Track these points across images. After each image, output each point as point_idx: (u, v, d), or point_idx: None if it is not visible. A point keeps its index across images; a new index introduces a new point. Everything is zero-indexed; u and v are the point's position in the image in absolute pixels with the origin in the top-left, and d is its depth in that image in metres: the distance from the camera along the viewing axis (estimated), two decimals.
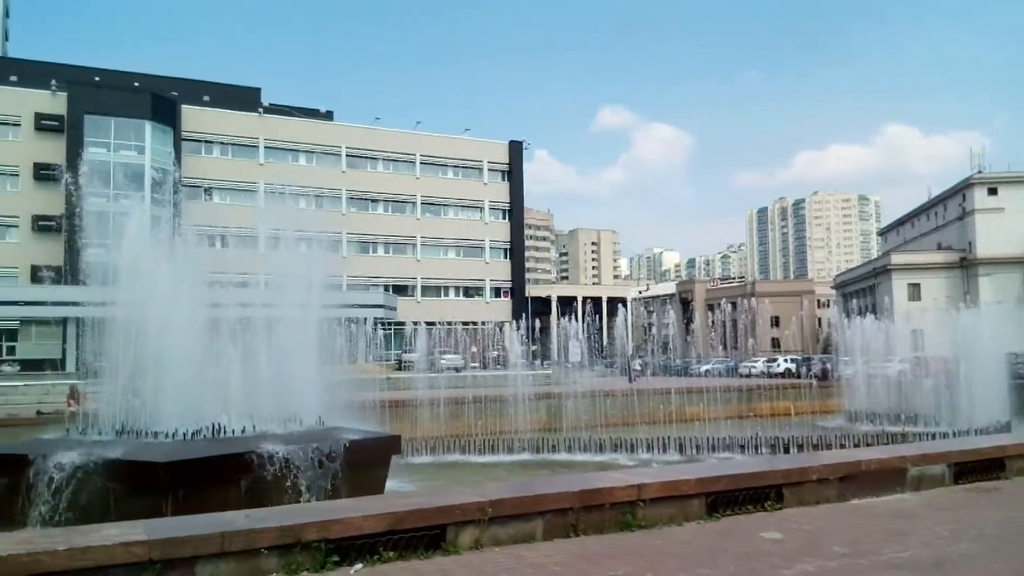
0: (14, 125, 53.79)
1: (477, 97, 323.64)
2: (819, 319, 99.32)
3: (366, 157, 67.12)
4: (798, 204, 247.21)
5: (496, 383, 30.10)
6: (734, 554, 5.75)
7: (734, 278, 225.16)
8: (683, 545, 6.07)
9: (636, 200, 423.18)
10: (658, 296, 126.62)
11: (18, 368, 47.11)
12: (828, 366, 41.80)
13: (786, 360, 51.71)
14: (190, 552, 5.14)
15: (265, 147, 62.15)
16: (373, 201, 67.31)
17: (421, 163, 69.18)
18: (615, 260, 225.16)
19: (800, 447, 20.87)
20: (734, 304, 66.84)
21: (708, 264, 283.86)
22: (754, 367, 48.93)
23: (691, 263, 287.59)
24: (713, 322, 65.16)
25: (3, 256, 52.94)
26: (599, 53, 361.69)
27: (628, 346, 45.97)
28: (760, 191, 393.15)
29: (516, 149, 73.74)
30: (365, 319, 35.63)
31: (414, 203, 68.78)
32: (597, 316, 52.88)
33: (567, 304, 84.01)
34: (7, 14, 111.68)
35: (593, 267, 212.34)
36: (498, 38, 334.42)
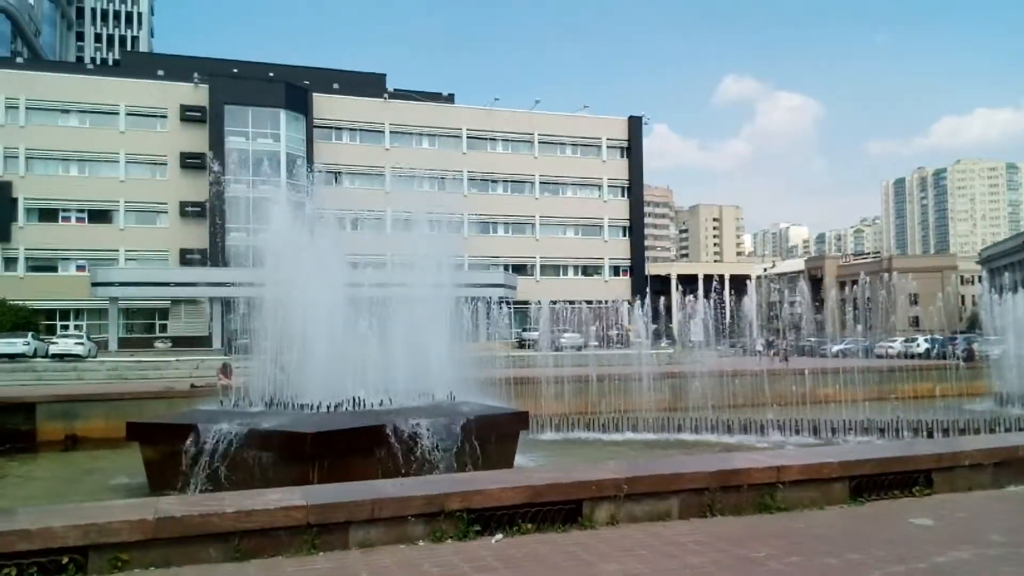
0: (161, 117, 57.74)
1: (596, 73, 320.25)
2: (963, 296, 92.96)
3: (485, 138, 67.93)
4: (939, 174, 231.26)
5: (618, 362, 30.02)
6: (882, 539, 5.58)
7: (869, 254, 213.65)
8: (827, 528, 5.94)
9: (761, 173, 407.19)
10: (785, 273, 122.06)
11: (170, 344, 50.89)
12: (974, 346, 39.15)
13: (926, 340, 48.82)
14: (344, 517, 5.48)
15: (390, 132, 64.01)
16: (492, 182, 68.14)
17: (539, 142, 69.35)
18: (738, 236, 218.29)
19: (945, 431, 19.72)
20: (869, 281, 63.54)
21: (840, 239, 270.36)
22: (892, 347, 46.45)
23: (821, 238, 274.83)
24: (845, 300, 62.19)
25: (155, 240, 57.15)
26: (719, 21, 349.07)
27: (754, 325, 44.65)
28: (896, 161, 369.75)
29: (635, 125, 72.65)
30: (488, 298, 36.25)
31: (532, 183, 69.12)
32: (720, 294, 51.61)
33: (688, 282, 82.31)
34: (152, 12, 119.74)
35: (715, 244, 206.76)
36: (615, 12, 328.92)
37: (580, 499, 6.09)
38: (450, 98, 70.32)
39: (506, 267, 63.32)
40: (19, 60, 71.06)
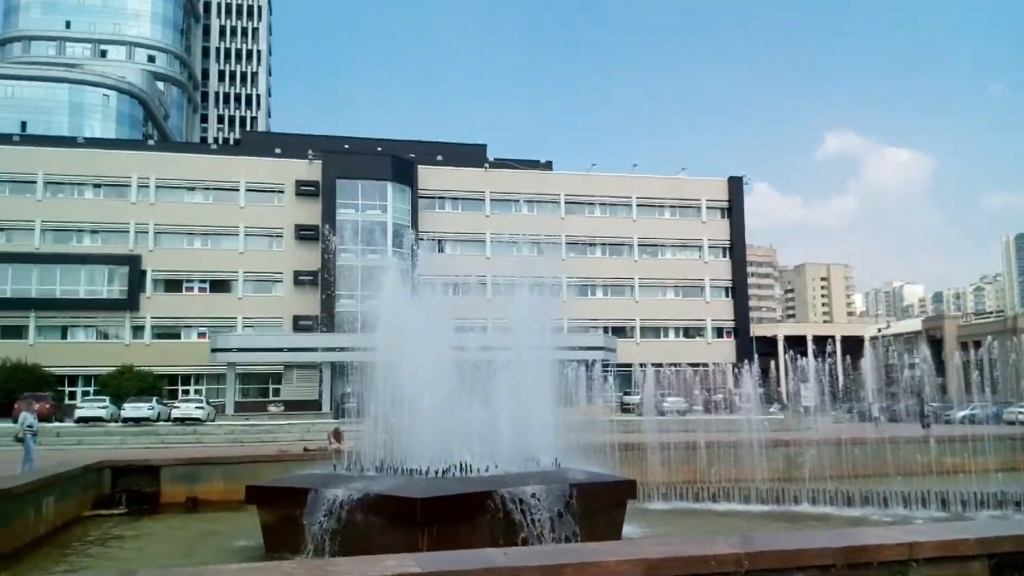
0: (278, 192, 61.26)
1: (693, 134, 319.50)
2: None
3: (583, 203, 68.59)
4: None
5: (725, 427, 29.07)
6: None
7: (991, 312, 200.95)
8: None
9: (870, 231, 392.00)
10: (901, 334, 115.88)
11: (282, 408, 52.79)
12: None
13: None
14: None
15: (491, 199, 65.62)
16: (591, 245, 68.43)
17: (638, 205, 69.44)
18: (848, 296, 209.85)
19: None
20: (994, 342, 59.57)
21: (958, 298, 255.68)
22: (1022, 414, 43.16)
23: (938, 297, 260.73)
24: (969, 362, 58.38)
25: (270, 308, 59.98)
26: (817, 78, 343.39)
27: (871, 389, 42.48)
28: (1016, 214, 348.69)
29: (735, 185, 71.84)
30: (589, 361, 36.04)
31: (631, 245, 69.01)
32: (830, 357, 49.49)
33: (796, 344, 79.41)
34: (270, 94, 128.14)
35: (823, 304, 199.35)
36: (710, 74, 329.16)
37: (698, 575, 5.92)
38: (548, 165, 71.64)
39: (605, 329, 62.97)
40: (150, 142, 77.27)
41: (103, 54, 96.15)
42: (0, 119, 79.51)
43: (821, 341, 66.13)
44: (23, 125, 79.50)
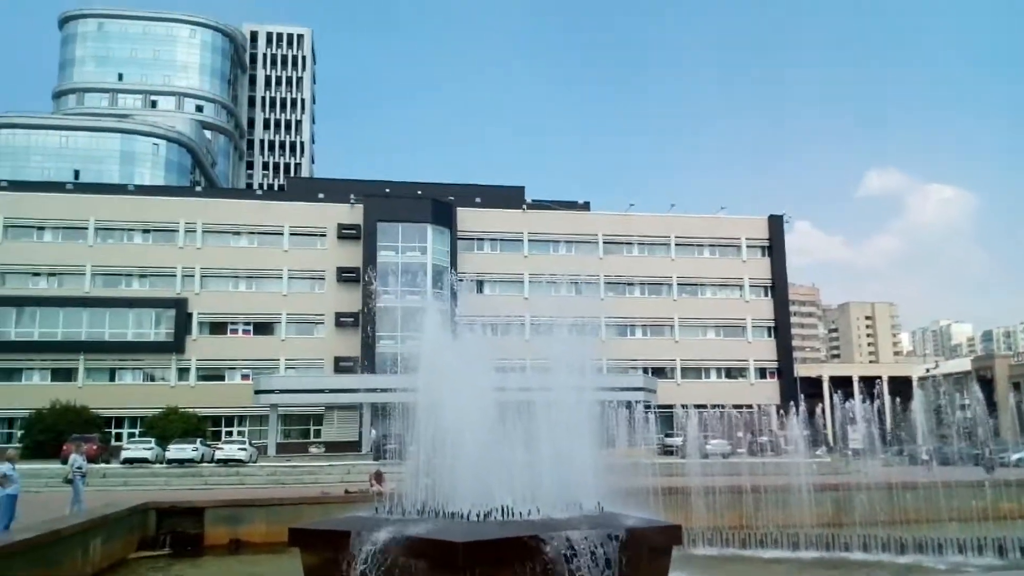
0: (321, 236, 62.40)
1: (731, 173, 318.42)
2: None
3: (621, 243, 68.57)
4: None
5: (771, 471, 28.44)
6: None
7: None
8: None
9: (914, 269, 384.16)
10: (951, 374, 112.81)
11: (323, 449, 53.03)
12: None
13: None
14: None
15: (529, 240, 65.97)
16: (629, 285, 68.20)
17: (676, 244, 69.19)
18: (894, 335, 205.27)
19: None
20: None
21: (1009, 336, 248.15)
22: None
23: (987, 336, 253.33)
24: (1021, 403, 56.46)
25: (312, 349, 60.66)
26: (857, 116, 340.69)
27: (921, 431, 41.19)
28: None
29: (776, 223, 71.27)
30: (630, 402, 35.67)
31: (670, 284, 68.61)
32: (878, 398, 48.35)
33: (841, 384, 77.70)
34: (313, 141, 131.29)
35: (869, 344, 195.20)
36: (746, 113, 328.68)
37: None
38: (586, 206, 71.92)
39: (645, 370, 62.38)
40: (197, 189, 79.56)
41: (153, 104, 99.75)
42: (55, 168, 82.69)
43: (868, 382, 64.72)
44: (76, 174, 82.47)
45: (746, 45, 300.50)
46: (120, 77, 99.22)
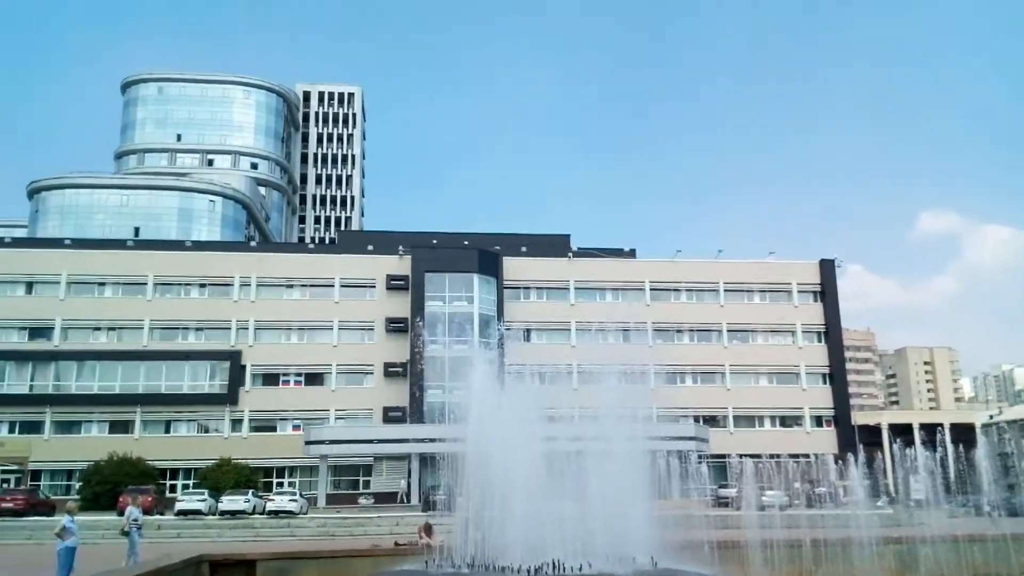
0: (370, 287, 63.39)
1: (779, 217, 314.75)
2: None
3: (668, 289, 68.12)
4: None
5: (831, 523, 27.50)
6: None
7: None
8: None
9: (974, 312, 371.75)
10: (1016, 420, 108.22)
11: (372, 500, 53.00)
12: None
13: None
14: None
15: (575, 288, 65.98)
16: (678, 331, 67.47)
17: (725, 290, 68.45)
18: (955, 380, 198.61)
19: None
20: None
21: None
22: None
23: None
24: None
25: (361, 400, 61.12)
26: (907, 158, 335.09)
27: (985, 481, 39.52)
28: None
29: (827, 268, 70.14)
30: (681, 452, 35.03)
31: (720, 331, 67.69)
32: (940, 446, 46.62)
33: (901, 432, 75.16)
34: (363, 195, 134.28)
35: (928, 389, 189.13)
36: (793, 157, 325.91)
37: None
38: (632, 252, 71.76)
39: (696, 419, 61.25)
40: (252, 244, 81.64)
41: (210, 163, 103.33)
42: (116, 226, 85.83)
43: (929, 429, 62.53)
44: (136, 231, 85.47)
45: (792, 84, 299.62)
46: (179, 137, 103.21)
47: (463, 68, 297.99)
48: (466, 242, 65.38)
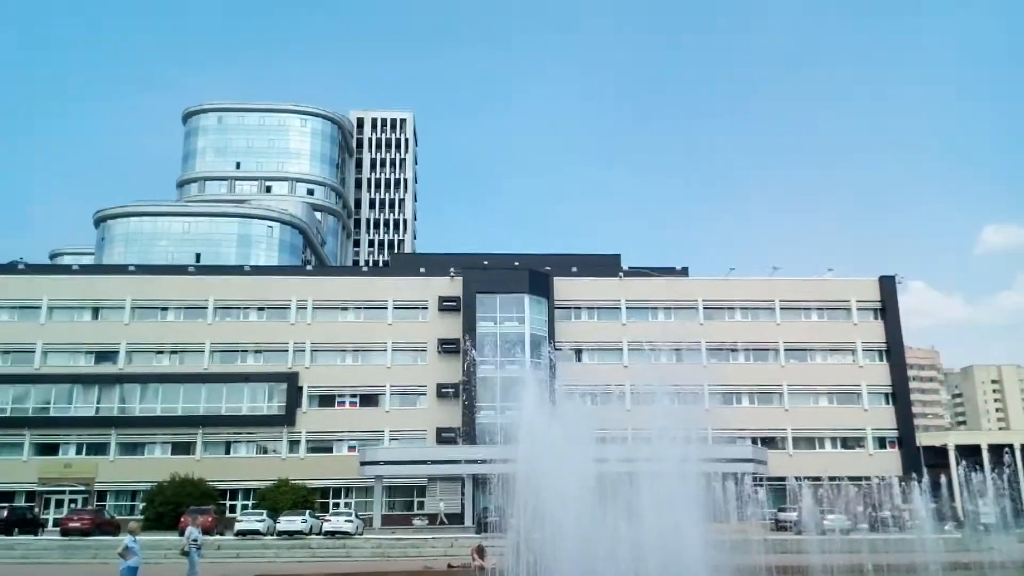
0: (423, 308, 64.01)
1: (836, 235, 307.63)
2: None
3: (723, 308, 67.10)
4: None
5: (896, 548, 26.64)
6: None
7: None
8: None
9: None
10: None
11: (426, 522, 53.15)
12: None
13: None
14: None
15: (627, 308, 65.50)
16: (732, 351, 66.33)
17: (781, 308, 67.13)
18: None
19: None
20: None
21: None
22: None
23: None
24: None
25: (415, 421, 61.56)
26: (968, 171, 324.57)
27: None
28: None
29: (888, 284, 68.25)
30: (738, 474, 34.37)
31: (776, 350, 66.33)
32: (1009, 467, 44.73)
33: (969, 453, 72.35)
34: (415, 218, 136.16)
35: (997, 409, 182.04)
36: (848, 172, 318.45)
37: None
38: (684, 271, 70.97)
39: (754, 440, 60.01)
40: (308, 267, 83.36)
41: (268, 190, 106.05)
42: (178, 252, 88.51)
43: (997, 450, 60.15)
44: (197, 256, 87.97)
45: (847, 98, 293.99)
46: (238, 165, 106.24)
47: (509, 87, 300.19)
48: (516, 263, 65.58)
